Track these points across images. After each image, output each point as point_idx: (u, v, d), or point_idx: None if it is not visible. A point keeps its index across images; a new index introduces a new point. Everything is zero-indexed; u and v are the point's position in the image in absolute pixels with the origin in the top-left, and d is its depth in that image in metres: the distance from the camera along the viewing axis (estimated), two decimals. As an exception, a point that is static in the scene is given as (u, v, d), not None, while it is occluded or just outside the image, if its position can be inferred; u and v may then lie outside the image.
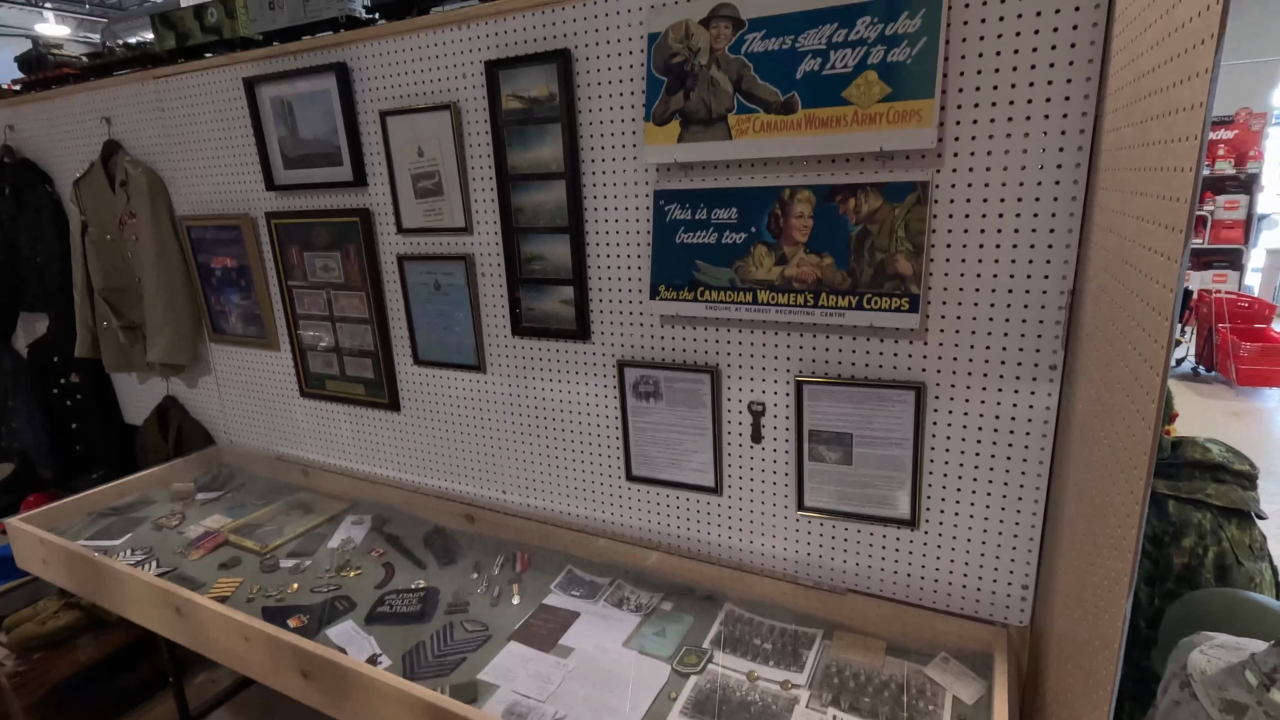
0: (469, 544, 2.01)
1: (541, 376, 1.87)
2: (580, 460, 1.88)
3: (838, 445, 1.52)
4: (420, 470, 2.20)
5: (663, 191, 1.56)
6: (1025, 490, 1.38)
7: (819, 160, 1.41)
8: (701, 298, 1.56)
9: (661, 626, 1.61)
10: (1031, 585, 1.42)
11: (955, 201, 1.31)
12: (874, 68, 1.30)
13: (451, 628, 1.64)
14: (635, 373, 1.72)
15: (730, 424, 1.64)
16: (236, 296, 2.41)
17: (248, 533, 2.12)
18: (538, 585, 1.79)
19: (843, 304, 1.41)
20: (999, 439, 1.38)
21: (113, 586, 1.86)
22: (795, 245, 1.45)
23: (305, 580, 1.88)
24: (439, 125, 1.81)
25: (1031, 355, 1.32)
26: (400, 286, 2.02)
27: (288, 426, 2.48)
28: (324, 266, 2.16)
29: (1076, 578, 1.04)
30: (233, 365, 2.55)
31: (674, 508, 1.78)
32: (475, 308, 1.91)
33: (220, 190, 2.31)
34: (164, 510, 2.31)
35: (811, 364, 1.52)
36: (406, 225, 1.95)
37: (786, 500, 1.62)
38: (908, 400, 1.43)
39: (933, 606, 1.52)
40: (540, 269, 1.78)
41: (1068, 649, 1.04)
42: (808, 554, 1.63)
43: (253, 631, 1.55)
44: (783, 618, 1.61)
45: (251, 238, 2.28)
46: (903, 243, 1.35)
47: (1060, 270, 1.26)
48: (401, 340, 2.09)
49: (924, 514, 1.49)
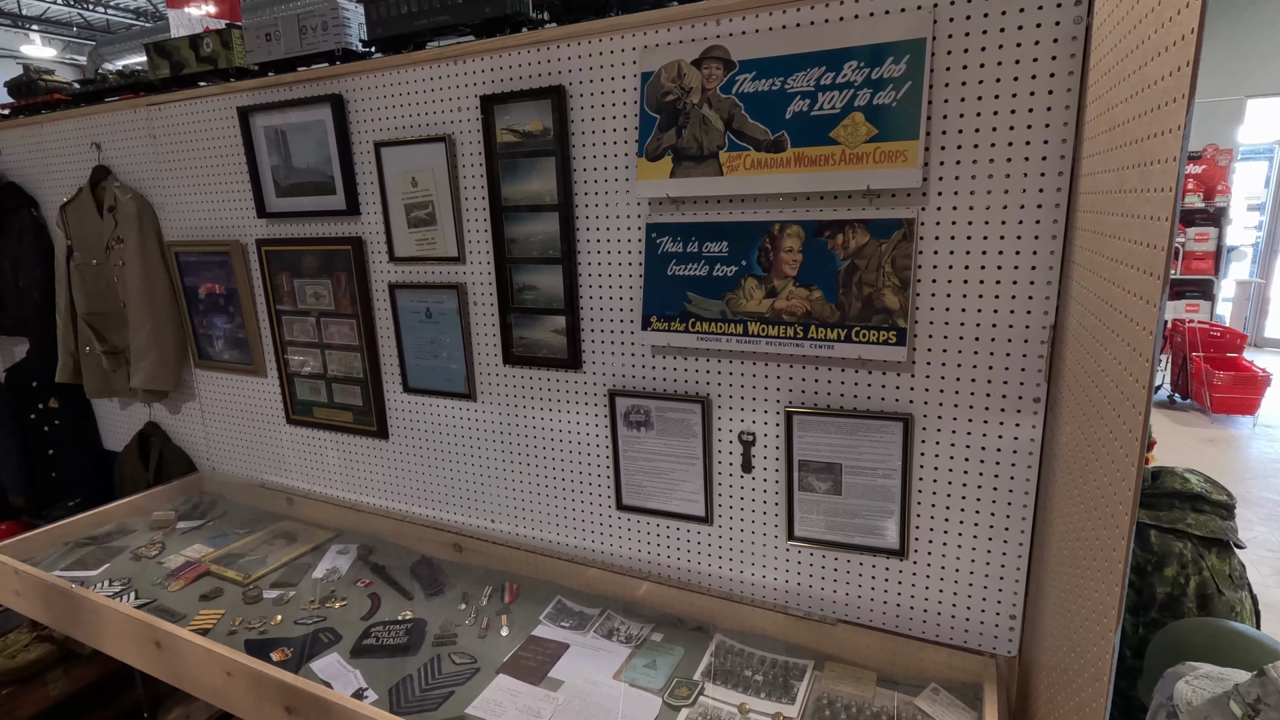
0: (457, 574, 1.99)
1: (532, 405, 1.88)
2: (570, 489, 1.88)
3: (827, 475, 1.54)
4: (408, 499, 2.18)
5: (655, 224, 1.59)
6: (1011, 521, 1.40)
7: (808, 197, 1.45)
8: (693, 329, 1.58)
9: (652, 658, 1.60)
10: (1019, 616, 1.44)
11: (940, 238, 1.35)
12: (861, 109, 1.34)
13: (439, 660, 1.62)
14: (626, 402, 1.73)
15: (721, 453, 1.66)
16: (223, 322, 2.40)
17: (230, 563, 2.09)
18: (527, 616, 1.78)
19: (832, 336, 1.44)
20: (985, 470, 1.41)
21: (89, 619, 1.81)
22: (785, 278, 1.48)
23: (289, 612, 1.85)
24: (433, 156, 1.83)
25: (1015, 388, 1.35)
26: (391, 314, 2.03)
27: (273, 454, 2.45)
28: (314, 293, 2.16)
29: (1062, 609, 1.06)
30: (217, 391, 2.52)
31: (664, 537, 1.78)
32: (466, 336, 1.92)
33: (210, 217, 2.31)
34: (143, 540, 2.26)
35: (801, 395, 1.54)
36: (399, 254, 1.97)
37: (777, 530, 1.63)
38: (896, 431, 1.46)
39: (921, 637, 1.53)
40: (532, 299, 1.79)
41: (1056, 680, 1.06)
42: (798, 584, 1.64)
43: (235, 666, 1.52)
44: (773, 648, 1.61)
45: (241, 264, 2.27)
46: (889, 278, 1.38)
47: (1042, 306, 1.30)
48: (391, 368, 2.09)
49: (913, 544, 1.50)
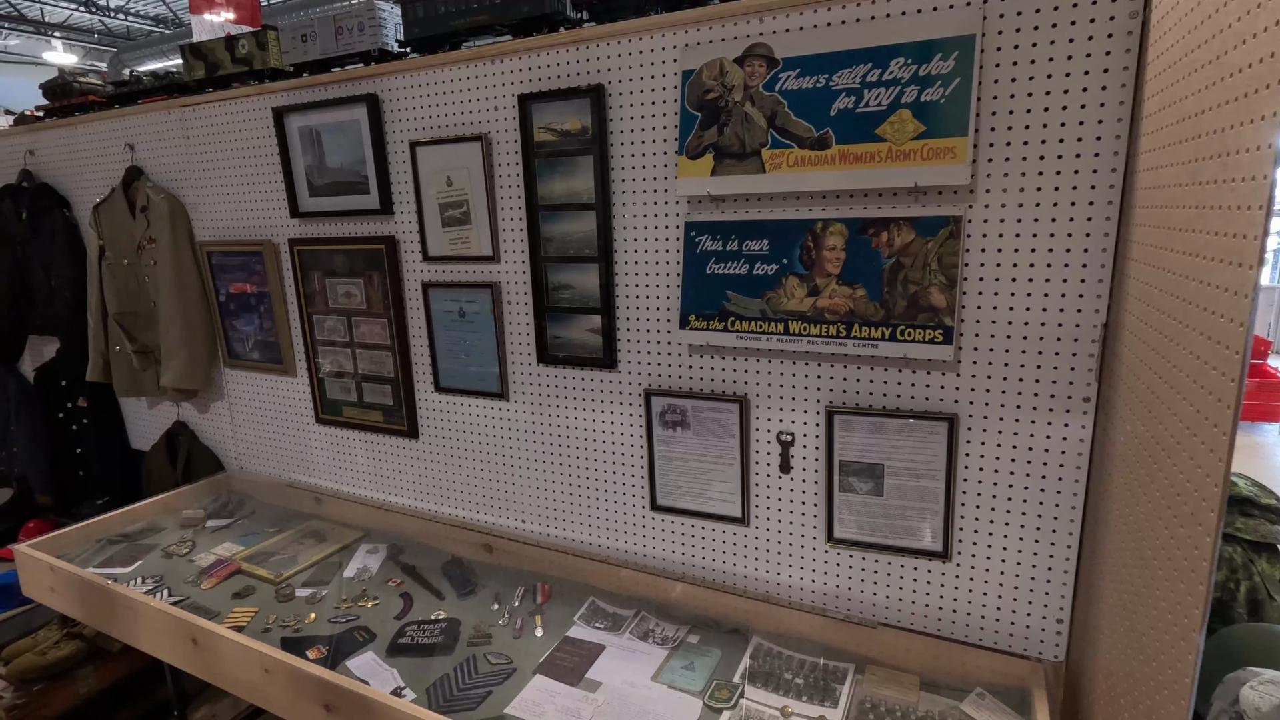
0: (487, 574, 1.99)
1: (566, 405, 1.87)
2: (603, 490, 1.87)
3: (869, 476, 1.52)
4: (437, 499, 2.18)
5: (694, 223, 1.58)
6: (1059, 523, 1.38)
7: (851, 195, 1.44)
8: (732, 328, 1.57)
9: (690, 660, 1.59)
10: (1067, 620, 1.42)
11: (988, 235, 1.34)
12: (908, 106, 1.33)
13: (475, 660, 1.61)
14: (662, 401, 1.72)
15: (758, 454, 1.64)
16: (254, 322, 2.41)
17: (260, 561, 2.09)
18: (560, 617, 1.77)
19: (876, 335, 1.43)
20: (1032, 471, 1.39)
21: (125, 615, 1.82)
22: (827, 277, 1.46)
23: (322, 610, 1.84)
24: (469, 156, 1.83)
25: (1065, 388, 1.33)
26: (424, 313, 2.03)
27: (301, 453, 2.46)
28: (346, 293, 2.17)
29: (1124, 613, 1.04)
30: (247, 391, 2.53)
31: (699, 538, 1.76)
32: (500, 335, 1.92)
33: (243, 217, 2.33)
34: (173, 538, 2.27)
35: (843, 394, 1.52)
36: (432, 253, 1.97)
37: (815, 531, 1.62)
38: (940, 431, 1.44)
39: (965, 640, 1.51)
40: (568, 298, 1.79)
41: (1119, 686, 1.04)
42: (836, 586, 1.62)
43: (274, 663, 1.51)
44: (812, 651, 1.59)
45: (273, 263, 2.28)
46: (936, 275, 1.37)
47: (1093, 304, 1.28)
48: (423, 367, 2.09)
49: (956, 546, 1.48)
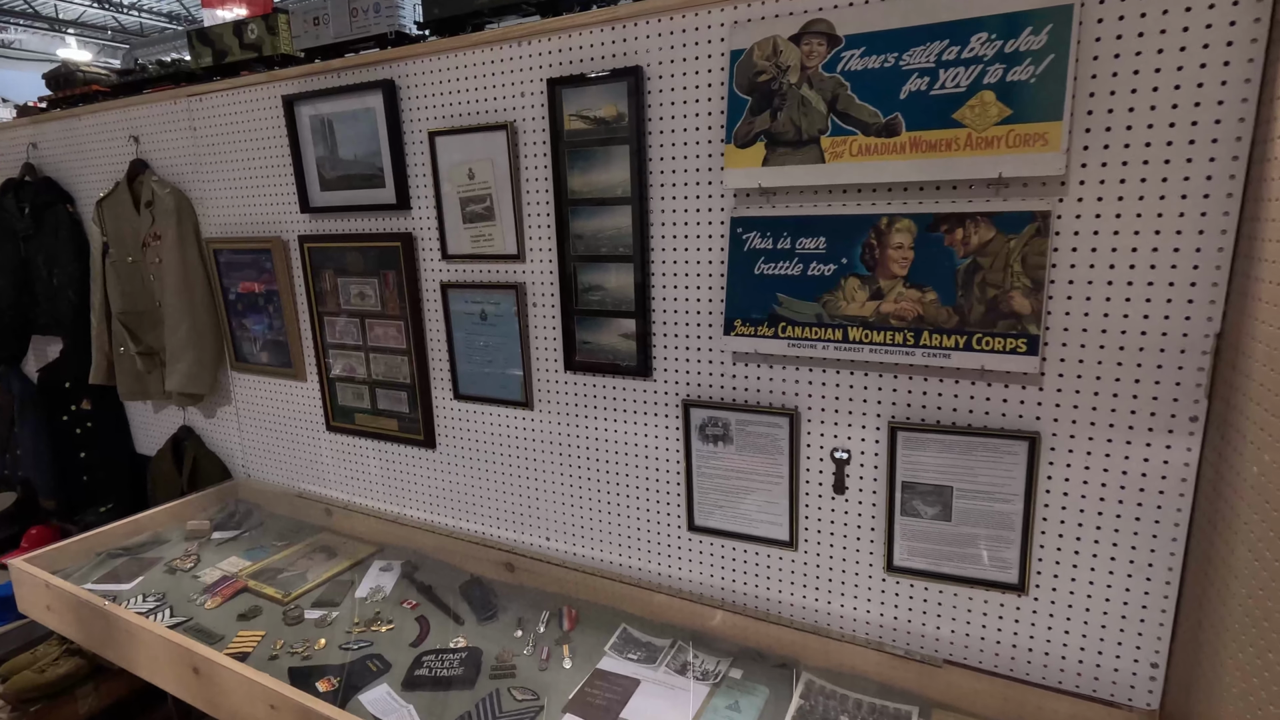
0: (509, 596, 1.85)
1: (595, 415, 1.73)
2: (635, 507, 1.73)
3: (935, 499, 1.38)
4: (456, 513, 2.05)
5: (741, 218, 1.44)
6: (1157, 556, 1.23)
7: (921, 187, 1.29)
8: (783, 334, 1.43)
9: (734, 699, 1.45)
10: (1162, 664, 1.27)
11: (1081, 233, 1.19)
12: (991, 87, 1.18)
13: (499, 696, 1.48)
14: (702, 414, 1.58)
15: (810, 472, 1.50)
16: (263, 323, 2.29)
17: (268, 578, 1.97)
18: (589, 646, 1.63)
19: (948, 344, 1.28)
20: (1125, 498, 1.24)
21: (123, 640, 1.70)
22: (893, 278, 1.32)
23: (333, 635, 1.72)
24: (493, 146, 1.70)
25: (1168, 405, 1.18)
26: (443, 316, 1.90)
27: (311, 462, 2.33)
28: (359, 293, 2.04)
29: (1253, 664, 0.89)
30: (255, 395, 2.41)
31: (742, 562, 1.62)
32: (525, 340, 1.78)
33: (251, 212, 2.21)
34: (178, 550, 2.15)
35: (907, 409, 1.38)
36: (452, 251, 1.84)
37: (872, 558, 1.47)
38: (1019, 452, 1.29)
39: (1042, 683, 1.36)
40: (599, 300, 1.65)
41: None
42: (895, 618, 1.48)
43: (280, 699, 1.39)
44: (868, 690, 1.45)
45: (282, 262, 2.16)
46: (1019, 278, 1.22)
47: (1205, 311, 1.13)
48: (441, 373, 1.96)
49: (1034, 578, 1.33)
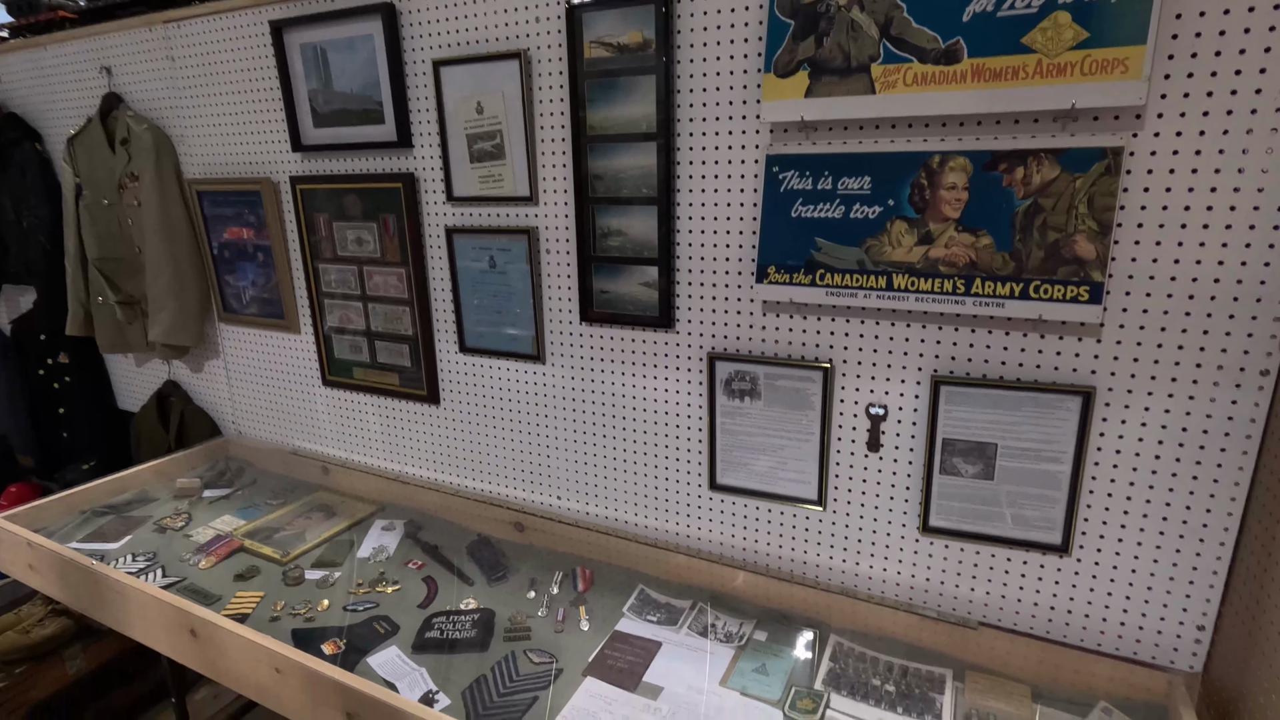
0: (519, 556, 1.78)
1: (612, 369, 1.64)
2: (654, 466, 1.66)
3: (978, 457, 1.31)
4: (461, 471, 1.97)
5: (778, 156, 1.33)
6: (1213, 516, 1.18)
7: (979, 122, 1.19)
8: (821, 281, 1.34)
9: (760, 661, 1.39)
10: (1209, 627, 1.22)
11: (1155, 171, 1.10)
12: (1066, 7, 1.08)
13: (514, 658, 1.42)
14: (729, 367, 1.50)
15: (842, 429, 1.43)
16: (252, 271, 2.16)
17: (265, 538, 1.88)
18: (606, 608, 1.57)
19: (1003, 292, 1.20)
20: (1183, 455, 1.17)
21: (114, 600, 1.61)
22: (944, 222, 1.23)
23: (335, 596, 1.64)
24: (504, 77, 1.57)
25: (1236, 357, 1.11)
26: (448, 263, 1.78)
27: (306, 418, 2.23)
28: (357, 239, 1.91)
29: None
30: (244, 348, 2.29)
31: (766, 522, 1.56)
32: (536, 289, 1.68)
33: (237, 151, 2.05)
34: (167, 509, 2.06)
35: (952, 362, 1.30)
36: (458, 193, 1.71)
37: (906, 518, 1.41)
38: (1072, 407, 1.22)
39: (1082, 646, 1.32)
40: (618, 246, 1.55)
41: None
42: (928, 580, 1.42)
43: (286, 662, 1.31)
44: (899, 653, 1.40)
45: (272, 204, 2.02)
46: (1085, 220, 1.13)
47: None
48: (446, 324, 1.85)
49: (1078, 539, 1.28)
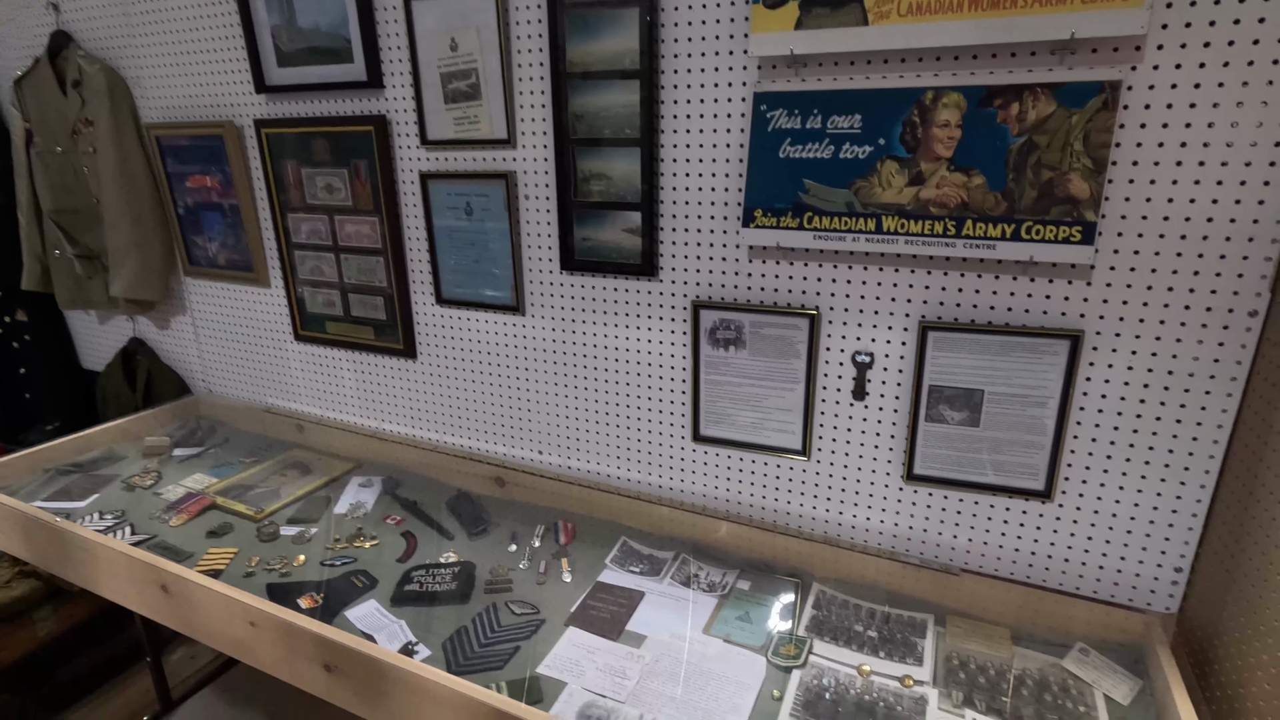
0: (500, 511, 1.76)
1: (594, 319, 1.60)
2: (637, 418, 1.63)
3: (964, 404, 1.30)
4: (439, 427, 1.93)
5: (766, 94, 1.28)
6: (1194, 460, 1.18)
7: (974, 55, 1.15)
8: (809, 225, 1.30)
9: (744, 610, 1.39)
10: (1186, 569, 1.23)
11: (1152, 106, 1.07)
12: (1068, -69, 1.03)
13: (496, 610, 1.40)
14: (713, 316, 1.46)
15: (827, 377, 1.41)
16: (218, 222, 2.07)
17: (238, 495, 1.84)
18: (589, 560, 1.56)
19: (994, 233, 1.17)
20: (1168, 399, 1.17)
21: (81, 558, 1.56)
22: (936, 161, 1.19)
23: (312, 551, 1.61)
24: (479, 11, 1.49)
25: (1226, 299, 1.10)
26: (423, 211, 1.72)
27: (279, 375, 2.17)
28: (327, 186, 1.83)
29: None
30: (212, 303, 2.21)
31: (750, 473, 1.54)
32: (515, 237, 1.62)
33: (197, 93, 1.95)
34: (135, 468, 2.00)
35: (940, 307, 1.28)
36: (433, 136, 1.64)
37: (890, 467, 1.40)
38: (1060, 351, 1.21)
39: (1061, 589, 1.33)
40: (600, 190, 1.49)
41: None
42: (910, 528, 1.42)
43: (261, 615, 1.28)
44: (881, 599, 1.40)
45: (237, 150, 1.93)
46: (1079, 158, 1.10)
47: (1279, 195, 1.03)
48: (421, 275, 1.79)
49: (1061, 484, 1.28)
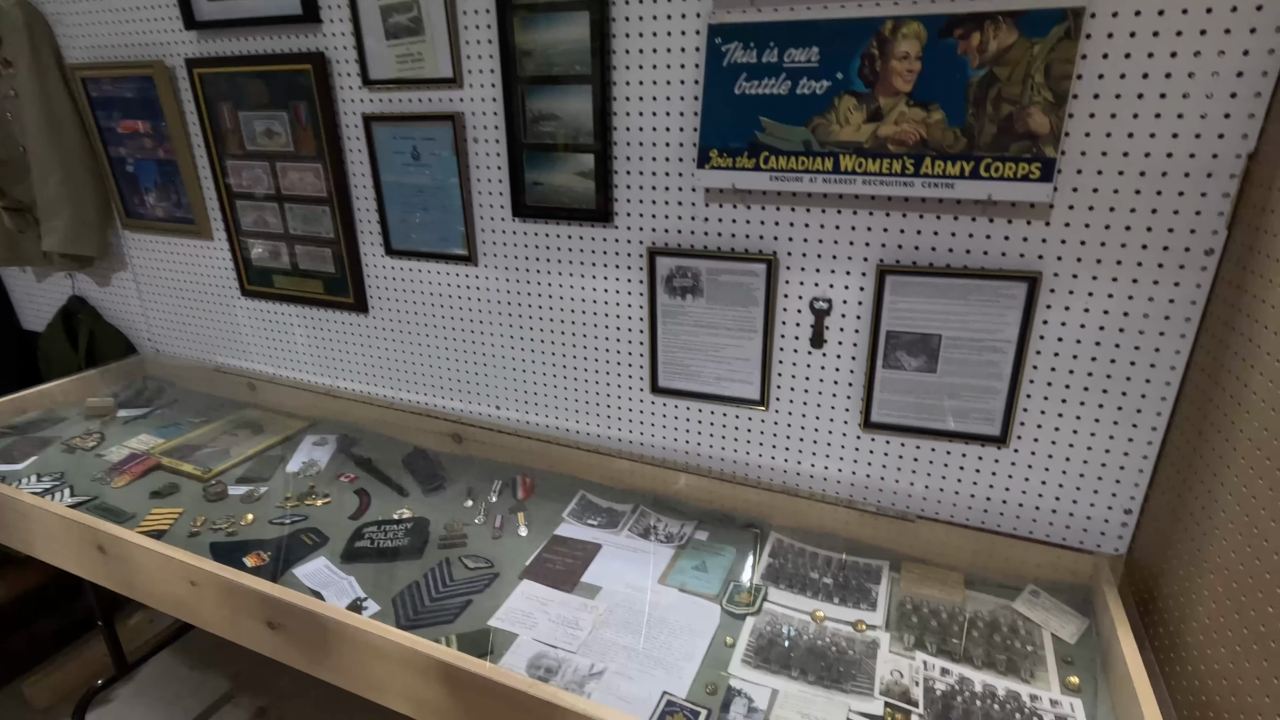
0: (457, 468, 1.73)
1: (548, 268, 1.55)
2: (594, 370, 1.59)
3: (921, 350, 1.28)
4: (394, 383, 1.87)
5: (721, 26, 1.22)
6: (1147, 401, 1.17)
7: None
8: (765, 165, 1.25)
9: (701, 559, 1.38)
10: (1136, 511, 1.24)
11: (1115, 36, 1.03)
12: None
13: (449, 565, 1.37)
14: (670, 263, 1.42)
15: (786, 325, 1.38)
16: (154, 171, 1.96)
17: (185, 455, 1.78)
18: (546, 514, 1.53)
19: (952, 171, 1.13)
20: (1123, 340, 1.16)
21: (15, 521, 1.50)
22: (895, 96, 1.14)
23: (261, 510, 1.56)
24: (418, -65, 1.39)
25: (1183, 237, 1.08)
26: (368, 156, 1.63)
27: (228, 332, 2.09)
28: (266, 131, 1.73)
29: (1265, 496, 0.84)
30: (154, 258, 2.11)
31: (708, 424, 1.52)
32: (465, 182, 1.55)
33: (124, 30, 1.82)
34: (77, 429, 1.92)
35: (899, 250, 1.25)
36: (375, 76, 1.55)
37: (848, 415, 1.39)
38: (1018, 294, 1.19)
39: (1014, 534, 1.33)
40: (551, 131, 1.43)
41: (1234, 589, 0.85)
42: (868, 476, 1.41)
43: (201, 574, 1.24)
44: (838, 548, 1.40)
45: (169, 93, 1.81)
46: (1040, 91, 1.07)
47: (1240, 128, 1.00)
48: (370, 225, 1.72)
49: (1017, 429, 1.27)
